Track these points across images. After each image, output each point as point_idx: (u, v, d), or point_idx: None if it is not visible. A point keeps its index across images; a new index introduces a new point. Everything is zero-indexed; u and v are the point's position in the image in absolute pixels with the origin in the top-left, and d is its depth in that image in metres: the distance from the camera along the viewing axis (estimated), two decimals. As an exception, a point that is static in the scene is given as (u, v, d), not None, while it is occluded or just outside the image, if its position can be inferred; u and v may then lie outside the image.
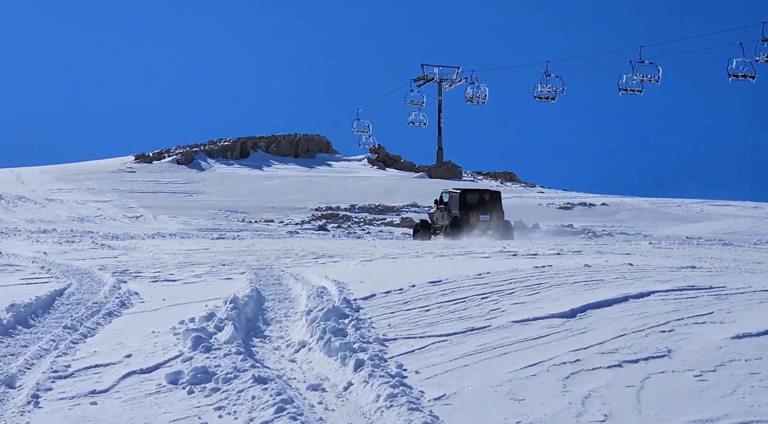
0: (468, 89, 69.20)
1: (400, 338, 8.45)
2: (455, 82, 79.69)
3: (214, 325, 8.72)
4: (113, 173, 69.21)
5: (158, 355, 7.91)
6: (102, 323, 9.65)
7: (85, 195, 54.24)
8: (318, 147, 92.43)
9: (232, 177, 71.84)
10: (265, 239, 28.86)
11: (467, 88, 69.42)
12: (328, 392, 6.81)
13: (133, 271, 14.81)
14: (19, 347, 8.26)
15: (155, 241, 25.88)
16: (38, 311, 10.05)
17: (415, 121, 75.33)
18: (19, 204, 46.93)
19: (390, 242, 27.84)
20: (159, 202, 51.17)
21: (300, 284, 12.72)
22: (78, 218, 40.61)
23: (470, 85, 69.50)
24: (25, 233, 27.89)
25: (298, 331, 9.06)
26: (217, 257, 18.20)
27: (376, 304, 10.30)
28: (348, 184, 67.56)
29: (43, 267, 15.07)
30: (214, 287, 12.85)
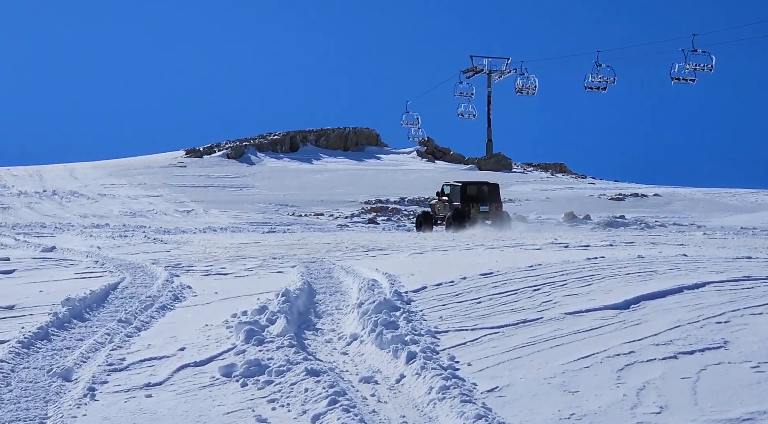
0: (517, 80, 68.88)
1: (451, 331, 8.43)
2: (505, 73, 79.32)
3: (267, 318, 8.77)
4: (164, 168, 69.91)
5: (211, 348, 7.97)
6: (156, 316, 9.74)
7: (137, 190, 54.84)
8: (367, 140, 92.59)
9: (282, 171, 72.18)
10: (315, 233, 28.96)
11: (517, 79, 69.11)
12: (380, 384, 6.81)
13: (186, 265, 14.93)
14: (75, 341, 8.36)
15: (206, 235, 26.09)
16: (93, 305, 10.17)
17: (465, 113, 75.12)
18: (73, 199, 47.56)
19: (440, 234, 27.77)
20: (210, 197, 51.57)
21: (351, 277, 12.74)
22: (130, 212, 41.06)
23: (520, 76, 69.16)
24: (79, 228, 28.27)
25: (350, 323, 9.07)
26: (268, 250, 18.29)
27: (427, 296, 10.28)
28: (397, 177, 67.57)
29: (97, 261, 15.24)
30: (266, 280, 12.91)
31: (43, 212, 39.79)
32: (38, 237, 22.25)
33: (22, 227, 27.96)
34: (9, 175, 62.56)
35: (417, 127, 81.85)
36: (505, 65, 79.49)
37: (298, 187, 59.28)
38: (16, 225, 29.72)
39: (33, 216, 37.28)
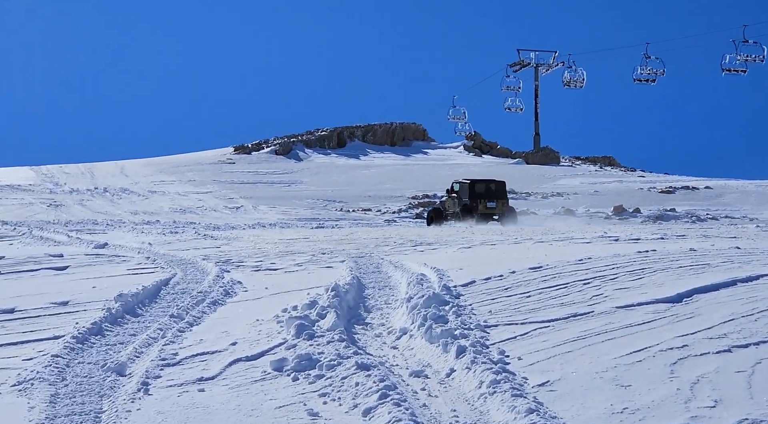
0: (565, 73, 68.46)
1: (501, 325, 8.40)
2: (552, 66, 78.77)
3: (317, 312, 8.81)
4: (213, 165, 70.45)
5: (263, 343, 8.02)
6: (207, 311, 9.83)
7: (187, 187, 55.32)
8: (414, 135, 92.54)
9: (330, 167, 72.40)
10: (363, 228, 29.01)
11: (564, 73, 68.69)
12: (430, 378, 6.81)
13: (236, 260, 15.04)
14: (128, 336, 8.46)
15: (256, 231, 26.26)
16: (145, 301, 10.28)
17: (512, 106, 74.77)
18: (123, 196, 48.10)
19: (488, 228, 27.68)
20: (258, 193, 51.87)
21: (399, 272, 12.75)
22: (180, 209, 41.42)
23: (567, 69, 68.75)
24: (130, 225, 28.59)
25: (399, 318, 9.08)
26: (317, 245, 18.36)
27: (476, 290, 10.26)
28: (444, 171, 67.40)
29: (149, 258, 15.41)
30: (315, 275, 12.97)
31: (94, 209, 40.29)
32: (90, 234, 22.55)
33: (74, 224, 28.33)
34: (62, 173, 63.44)
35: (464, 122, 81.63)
36: (553, 58, 78.94)
37: (345, 182, 59.40)
38: (69, 222, 30.13)
39: (85, 213, 37.76)
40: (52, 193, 48.68)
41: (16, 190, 49.61)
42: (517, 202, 45.66)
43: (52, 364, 7.16)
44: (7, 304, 10.07)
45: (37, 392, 6.46)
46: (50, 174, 62.14)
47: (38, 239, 19.40)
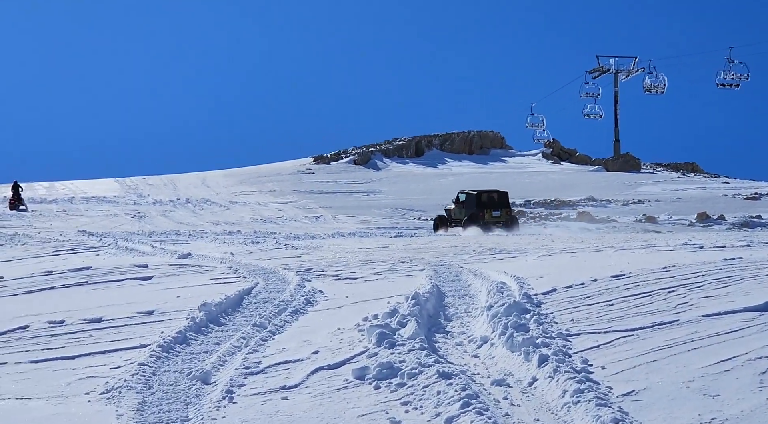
0: (646, 79, 67.58)
1: (583, 333, 8.32)
2: (632, 72, 77.75)
3: (397, 321, 8.83)
4: (293, 175, 71.07)
5: (344, 351, 8.07)
6: (289, 320, 9.92)
7: (267, 197, 55.90)
8: (492, 143, 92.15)
9: (408, 176, 72.48)
10: (442, 236, 28.97)
11: (645, 78, 67.81)
12: (512, 387, 6.77)
13: (316, 269, 15.14)
14: (212, 345, 8.59)
15: (335, 240, 26.39)
16: (228, 310, 10.42)
17: (591, 113, 74.07)
18: (205, 207, 48.78)
19: (568, 236, 27.43)
20: (337, 203, 52.18)
21: (479, 280, 12.70)
22: (260, 219, 41.83)
23: (648, 74, 67.85)
24: (212, 235, 28.94)
25: (480, 326, 9.04)
26: (396, 254, 18.39)
27: (557, 299, 10.18)
28: (523, 179, 67.00)
29: (231, 267, 15.58)
30: (395, 284, 12.98)
31: (177, 220, 40.94)
32: (174, 244, 22.90)
33: (158, 235, 28.80)
34: (145, 184, 64.67)
35: (542, 129, 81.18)
36: (633, 64, 77.93)
37: (423, 191, 59.39)
38: (152, 233, 30.65)
39: (168, 224, 38.38)
40: (136, 204, 49.63)
41: (102, 201, 50.71)
42: (598, 210, 45.16)
43: (139, 372, 7.30)
44: (95, 313, 10.30)
45: (125, 400, 6.60)
46: (134, 186, 63.40)
47: (123, 250, 19.77)
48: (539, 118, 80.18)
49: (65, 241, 23.44)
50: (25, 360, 8.13)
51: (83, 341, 8.91)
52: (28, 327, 9.56)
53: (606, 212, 43.81)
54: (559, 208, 47.36)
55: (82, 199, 52.06)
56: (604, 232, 32.01)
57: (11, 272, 14.89)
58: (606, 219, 40.13)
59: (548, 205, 48.77)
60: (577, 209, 46.83)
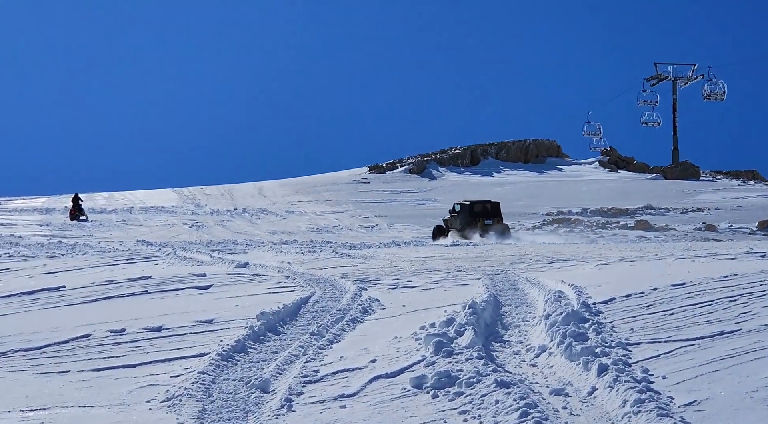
0: (705, 86, 66.83)
1: (644, 343, 8.23)
2: (691, 79, 76.82)
3: (454, 330, 8.81)
4: (349, 185, 71.32)
5: (402, 360, 8.07)
6: (346, 329, 9.96)
7: (323, 206, 56.16)
8: (548, 151, 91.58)
9: (463, 185, 72.33)
10: (498, 245, 28.84)
11: (704, 85, 67.06)
12: (571, 396, 6.72)
13: (373, 278, 15.17)
14: (270, 353, 8.65)
15: (391, 249, 26.41)
16: (286, 319, 10.48)
17: (649, 121, 73.41)
18: (262, 217, 49.14)
19: (626, 245, 27.15)
20: (393, 212, 52.25)
21: (536, 289, 12.63)
22: (317, 228, 42.04)
23: (707, 81, 67.08)
24: (269, 245, 29.13)
25: (538, 335, 8.99)
26: (452, 263, 18.35)
27: (616, 308, 10.08)
28: (579, 187, 66.50)
29: (288, 276, 15.67)
30: (452, 292, 12.96)
31: (234, 230, 41.30)
32: (231, 254, 23.09)
33: (215, 244, 29.07)
34: (202, 194, 65.35)
35: (599, 137, 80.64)
36: (692, 71, 76.99)
37: (479, 200, 59.18)
38: (210, 242, 30.95)
39: (225, 233, 38.73)
40: (193, 214, 50.17)
41: (160, 211, 51.35)
42: (656, 218, 44.66)
43: (199, 380, 7.38)
44: (155, 322, 10.43)
45: (186, 408, 6.67)
46: (192, 196, 64.10)
47: (182, 259, 19.98)
48: (596, 126, 79.66)
49: (125, 250, 23.78)
50: (87, 368, 8.26)
51: (144, 350, 9.03)
52: (90, 336, 9.72)
53: (664, 220, 43.31)
54: (616, 217, 46.90)
55: (140, 209, 52.78)
56: (663, 240, 31.65)
57: (73, 282, 15.13)
58: (664, 228, 39.70)
59: (605, 213, 48.32)
60: (634, 218, 46.36)
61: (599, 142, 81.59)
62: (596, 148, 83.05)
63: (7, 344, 9.38)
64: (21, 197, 62.27)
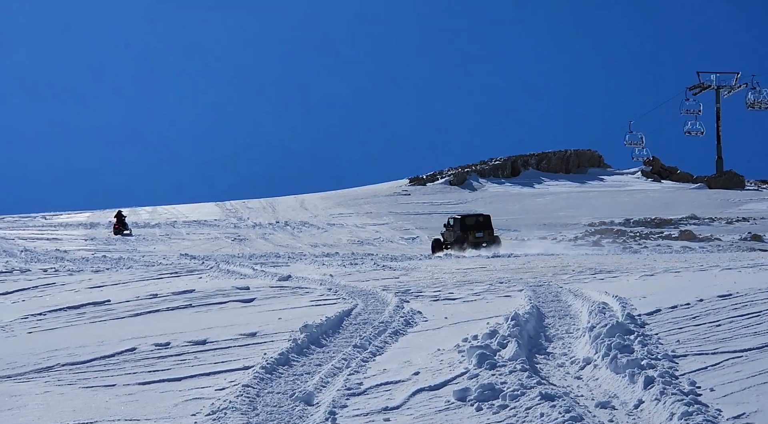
0: (749, 95, 66.20)
1: (690, 355, 8.13)
2: (734, 88, 76.07)
3: (497, 342, 8.77)
4: (389, 197, 71.36)
5: (445, 372, 8.04)
6: (389, 341, 9.95)
7: (364, 219, 56.21)
8: (589, 162, 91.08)
9: (504, 196, 72.11)
10: (540, 256, 28.70)
11: (748, 94, 66.39)
12: (617, 409, 6.66)
13: (414, 291, 15.16)
14: (314, 366, 8.66)
15: (432, 261, 26.38)
16: (329, 331, 10.50)
17: (692, 130, 72.81)
18: (304, 229, 49.29)
19: (670, 255, 26.89)
20: (433, 224, 52.12)
21: (579, 300, 12.54)
22: (358, 241, 42.09)
23: (751, 90, 66.46)
24: (310, 257, 29.23)
25: (582, 347, 8.93)
26: (494, 274, 18.29)
27: (662, 319, 9.98)
28: (622, 197, 66.01)
29: (330, 289, 15.71)
30: (494, 304, 12.92)
31: (276, 243, 41.46)
32: (274, 267, 23.18)
33: (258, 258, 29.21)
34: (245, 207, 65.69)
35: (641, 147, 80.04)
36: (735, 80, 76.24)
37: (520, 211, 58.99)
38: (252, 255, 31.09)
39: (267, 247, 38.89)
40: (236, 227, 50.43)
41: (203, 225, 51.68)
42: (700, 228, 44.19)
43: (244, 394, 7.41)
44: (200, 336, 10.49)
45: (230, 421, 6.70)
46: (234, 209, 64.45)
47: (225, 273, 20.10)
48: (638, 136, 79.12)
49: (168, 264, 23.97)
50: (133, 382, 8.32)
51: (189, 363, 9.09)
52: (135, 350, 9.80)
53: (709, 230, 42.85)
54: (660, 227, 46.48)
55: (184, 223, 53.17)
56: (708, 251, 31.32)
57: (118, 296, 15.28)
58: (709, 238, 39.29)
59: (649, 224, 47.90)
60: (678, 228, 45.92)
61: (642, 152, 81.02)
62: (639, 157, 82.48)
63: (54, 358, 9.48)
64: (66, 212, 62.98)
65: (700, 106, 73.08)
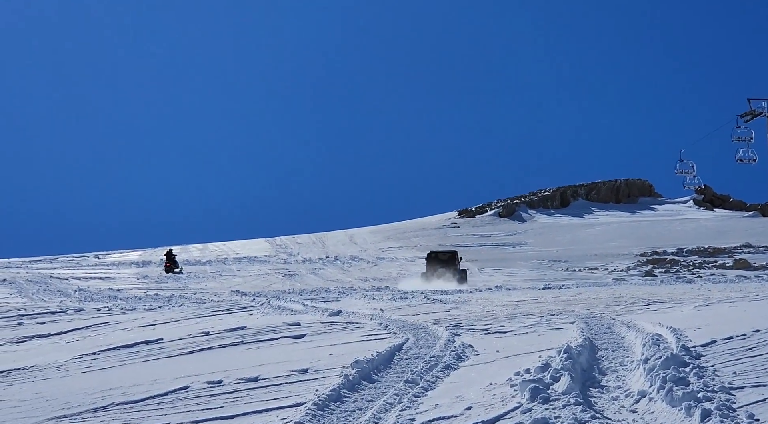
0: (800, 121, 65.25)
1: (747, 387, 7.99)
2: (786, 115, 75.14)
3: (550, 375, 8.69)
4: (438, 229, 71.33)
5: (497, 407, 7.98)
6: (440, 376, 9.90)
7: (413, 252, 56.21)
8: (640, 191, 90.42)
9: (554, 226, 71.72)
10: (591, 288, 28.45)
11: (799, 120, 65.46)
12: (674, 443, 6.55)
13: (465, 324, 15.10)
14: (365, 402, 8.63)
15: (483, 294, 26.28)
16: (380, 366, 10.48)
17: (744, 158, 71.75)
18: (353, 264, 49.43)
19: (725, 285, 26.52)
20: (483, 255, 52.03)
21: (633, 332, 12.40)
22: (408, 274, 42.09)
23: (802, 116, 65.50)
24: (361, 292, 29.27)
25: (636, 380, 8.81)
26: (545, 307, 18.17)
27: (717, 351, 9.83)
28: (673, 227, 65.34)
29: (381, 323, 15.69)
30: (546, 337, 12.82)
31: (326, 278, 41.60)
32: (324, 302, 23.24)
33: (308, 293, 29.31)
34: (294, 243, 66.05)
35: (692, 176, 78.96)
36: (786, 106, 75.33)
37: (570, 242, 58.62)
38: (303, 291, 31.21)
39: (317, 282, 39.02)
40: (286, 263, 50.70)
41: (254, 261, 52.01)
42: (755, 256, 43.56)
43: (296, 430, 7.40)
44: (251, 373, 10.52)
45: (283, 457, 6.69)
46: (284, 245, 64.83)
47: (276, 309, 20.18)
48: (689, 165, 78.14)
49: (220, 301, 24.13)
50: (187, 421, 8.35)
51: (241, 401, 9.11)
52: (188, 388, 9.84)
53: (764, 259, 42.23)
54: (713, 256, 45.89)
55: (234, 259, 53.54)
56: (764, 280, 30.83)
57: (170, 334, 15.40)
58: (765, 266, 38.68)
59: (702, 253, 47.33)
60: (733, 257, 45.29)
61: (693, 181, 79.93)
62: (690, 186, 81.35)
63: (108, 397, 9.56)
64: (118, 251, 63.77)
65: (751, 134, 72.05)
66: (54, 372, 11.76)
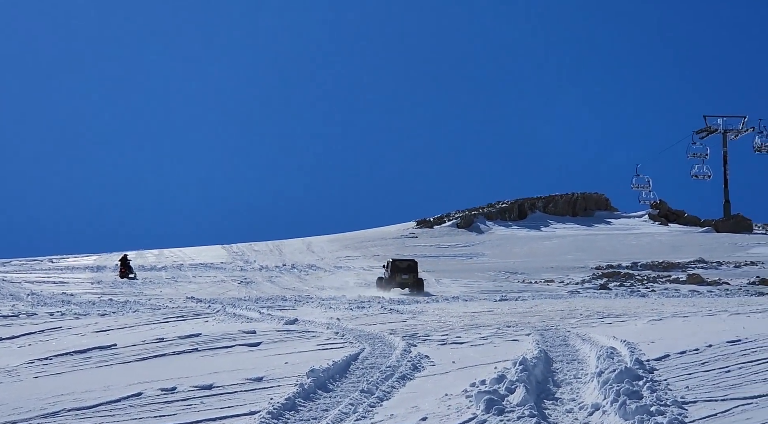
0: (756, 139, 66.49)
1: (700, 401, 8.07)
2: (741, 132, 76.43)
3: (505, 387, 8.72)
4: (396, 239, 71.38)
5: (452, 418, 7.99)
6: (396, 386, 9.89)
7: (371, 261, 56.14)
8: (596, 205, 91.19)
9: (511, 238, 72.09)
10: (547, 300, 28.60)
11: (755, 138, 66.68)
12: (627, 457, 6.60)
13: (422, 334, 15.10)
14: (320, 411, 8.60)
15: (440, 304, 26.31)
16: (336, 376, 10.45)
17: (699, 174, 73.03)
18: (310, 272, 49.25)
19: (678, 299, 26.80)
20: (441, 266, 52.10)
21: (588, 345, 12.49)
22: (365, 283, 42.00)
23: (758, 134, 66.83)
24: (317, 300, 29.18)
25: (590, 393, 8.87)
26: (501, 318, 18.23)
27: (670, 365, 9.93)
28: (629, 241, 65.96)
29: (337, 332, 15.66)
30: (501, 348, 12.86)
31: (283, 285, 41.39)
32: (280, 310, 23.13)
33: (264, 301, 29.13)
34: (251, 250, 65.71)
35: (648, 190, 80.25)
36: (742, 124, 76.63)
37: (526, 254, 58.95)
38: (259, 298, 31.02)
39: (274, 289, 38.81)
40: (242, 270, 50.40)
41: (210, 268, 51.65)
42: (708, 272, 44.06)
43: (250, 439, 7.35)
44: (206, 380, 10.45)
45: (237, 466, 6.64)
46: (240, 252, 64.48)
47: (231, 316, 20.05)
48: (645, 179, 79.39)
49: (175, 308, 23.94)
50: (139, 427, 8.27)
51: (195, 408, 9.03)
52: (141, 394, 9.75)
53: (717, 274, 42.74)
54: (667, 271, 46.37)
55: (190, 265, 53.15)
56: (716, 295, 31.23)
57: (124, 339, 15.25)
58: (717, 282, 39.17)
59: (656, 267, 47.79)
60: (686, 271, 45.78)
61: (648, 196, 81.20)
62: (645, 201, 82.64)
63: (60, 403, 9.44)
64: (72, 255, 63.06)
65: (707, 150, 73.44)
66: (4, 377, 11.59)
